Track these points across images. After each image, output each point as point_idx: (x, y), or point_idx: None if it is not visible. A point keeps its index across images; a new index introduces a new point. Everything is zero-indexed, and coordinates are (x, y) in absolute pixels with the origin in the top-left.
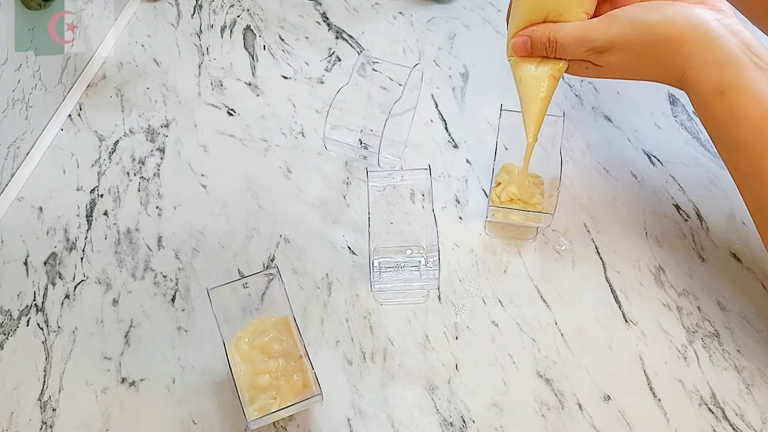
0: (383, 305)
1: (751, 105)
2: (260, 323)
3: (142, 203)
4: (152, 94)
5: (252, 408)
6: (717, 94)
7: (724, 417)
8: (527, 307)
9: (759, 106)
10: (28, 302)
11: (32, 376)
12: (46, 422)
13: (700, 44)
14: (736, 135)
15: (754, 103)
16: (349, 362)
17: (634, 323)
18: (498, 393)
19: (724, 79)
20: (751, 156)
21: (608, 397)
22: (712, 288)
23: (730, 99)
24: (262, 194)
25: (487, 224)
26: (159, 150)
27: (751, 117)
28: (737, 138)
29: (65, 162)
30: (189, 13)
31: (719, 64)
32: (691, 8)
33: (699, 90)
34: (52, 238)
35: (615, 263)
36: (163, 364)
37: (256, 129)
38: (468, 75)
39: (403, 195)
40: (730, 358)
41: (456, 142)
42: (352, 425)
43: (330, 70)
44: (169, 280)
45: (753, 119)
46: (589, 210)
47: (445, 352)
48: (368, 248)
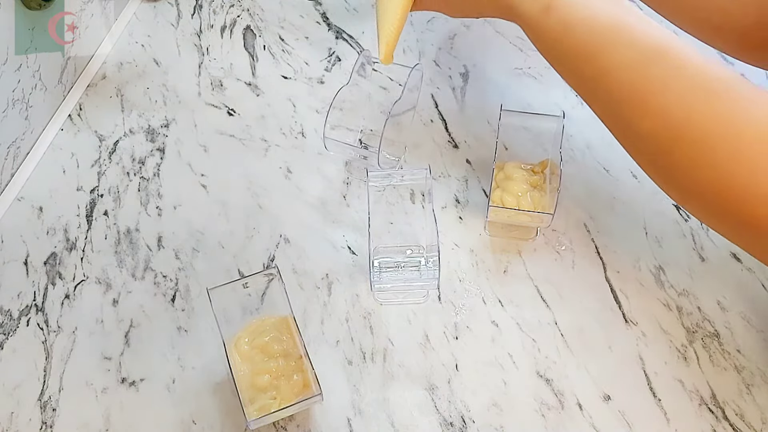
0: (383, 305)
1: (578, 10)
2: (260, 323)
3: (142, 203)
4: (152, 94)
5: (252, 408)
6: (543, 11)
7: (724, 417)
8: (527, 307)
9: (585, 9)
10: (28, 302)
11: (32, 376)
12: (46, 422)
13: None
14: (572, 42)
15: (580, 8)
16: (349, 362)
17: (634, 323)
18: (498, 393)
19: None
20: (587, 59)
21: (608, 397)
22: (712, 288)
23: (555, 12)
24: (262, 194)
25: (487, 224)
26: (159, 150)
27: (579, 23)
28: (573, 45)
29: (65, 162)
30: (189, 13)
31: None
32: None
33: (526, 13)
34: (52, 238)
35: (615, 263)
36: (163, 364)
37: (256, 129)
38: (468, 75)
39: (403, 195)
40: (730, 358)
41: (456, 142)
42: (352, 425)
43: (330, 70)
44: (169, 280)
45: (582, 25)
46: (589, 210)
47: (445, 352)
48: (368, 248)
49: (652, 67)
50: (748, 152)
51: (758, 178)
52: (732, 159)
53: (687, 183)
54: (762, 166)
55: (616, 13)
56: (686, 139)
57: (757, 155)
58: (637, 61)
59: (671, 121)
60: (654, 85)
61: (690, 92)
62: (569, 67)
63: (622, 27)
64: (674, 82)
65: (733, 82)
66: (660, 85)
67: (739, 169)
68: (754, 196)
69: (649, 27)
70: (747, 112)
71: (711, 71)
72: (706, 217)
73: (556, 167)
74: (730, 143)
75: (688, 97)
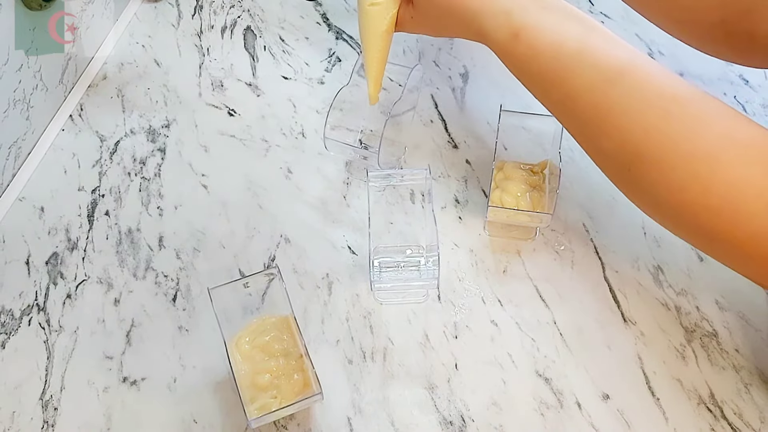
0: (383, 305)
1: (544, 38)
2: (261, 323)
3: (143, 203)
4: (153, 95)
5: (252, 407)
6: (512, 38)
7: (723, 416)
8: (526, 306)
9: (551, 36)
10: (29, 302)
11: (34, 376)
12: (47, 421)
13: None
14: (539, 67)
15: (546, 36)
16: (350, 361)
17: (633, 323)
18: (497, 392)
19: (514, 23)
20: (554, 82)
21: (607, 397)
22: (710, 287)
23: (524, 39)
24: (263, 194)
25: (486, 224)
26: (160, 150)
27: (547, 49)
28: (541, 70)
29: (66, 162)
30: (189, 13)
31: (506, 12)
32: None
33: (495, 39)
34: (54, 238)
35: (614, 263)
36: (164, 363)
37: (257, 129)
38: (468, 75)
39: (403, 195)
40: (729, 357)
41: (456, 142)
42: (352, 424)
43: (330, 71)
44: (170, 280)
45: (549, 50)
46: (588, 210)
47: (445, 351)
48: (368, 248)
49: (612, 89)
50: (702, 169)
51: (710, 195)
52: (687, 176)
53: (649, 198)
54: (715, 183)
55: (581, 37)
56: (644, 158)
57: (709, 173)
58: (599, 83)
59: (630, 140)
60: (614, 104)
61: (647, 112)
62: (538, 90)
63: (586, 50)
64: (633, 102)
65: (691, 100)
66: (619, 106)
67: (695, 186)
68: (707, 209)
69: (613, 47)
70: (701, 130)
71: (670, 90)
72: (672, 230)
73: (555, 167)
74: (686, 160)
75: (645, 116)
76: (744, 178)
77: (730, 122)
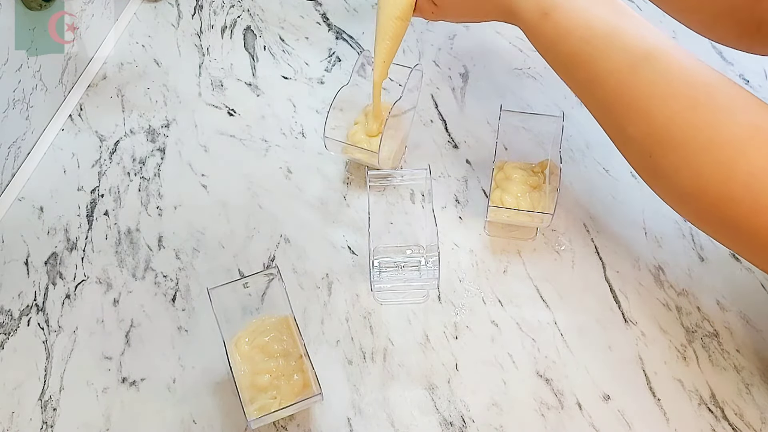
0: (383, 305)
1: (574, 18)
2: (260, 323)
3: (142, 203)
4: (153, 95)
5: (252, 407)
6: (541, 17)
7: (724, 417)
8: (527, 306)
9: (581, 16)
10: (28, 302)
11: (33, 376)
12: (46, 422)
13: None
14: (567, 48)
15: (576, 17)
16: (349, 362)
17: (634, 323)
18: (498, 392)
19: (545, 2)
20: (581, 64)
21: (608, 397)
22: (711, 288)
23: (554, 18)
24: (263, 194)
25: (486, 224)
26: (159, 150)
27: (576, 29)
28: (568, 51)
29: (66, 162)
30: (189, 13)
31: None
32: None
33: (525, 18)
34: (53, 238)
35: (614, 263)
36: (164, 363)
37: (257, 129)
38: (468, 75)
39: (403, 195)
40: (730, 357)
41: (456, 142)
42: (352, 425)
43: (330, 71)
44: (170, 280)
45: (579, 30)
46: (588, 210)
47: (445, 351)
48: (368, 248)
49: (639, 72)
50: (724, 158)
51: (731, 184)
52: (710, 164)
53: (670, 186)
54: (737, 171)
55: (611, 19)
56: (667, 144)
57: (732, 162)
58: (626, 66)
59: (654, 126)
60: (640, 90)
61: (673, 98)
62: (565, 70)
63: (615, 33)
64: (659, 87)
65: (717, 87)
66: (645, 91)
67: (716, 175)
68: (728, 198)
69: (643, 31)
70: (726, 119)
71: (696, 76)
72: (691, 219)
73: (555, 167)
74: (709, 149)
75: (671, 102)
76: (766, 168)
77: (755, 112)
